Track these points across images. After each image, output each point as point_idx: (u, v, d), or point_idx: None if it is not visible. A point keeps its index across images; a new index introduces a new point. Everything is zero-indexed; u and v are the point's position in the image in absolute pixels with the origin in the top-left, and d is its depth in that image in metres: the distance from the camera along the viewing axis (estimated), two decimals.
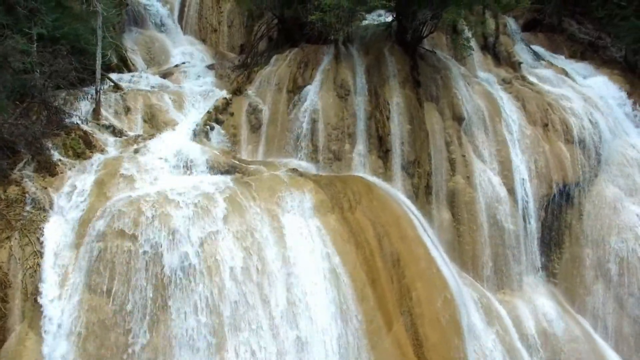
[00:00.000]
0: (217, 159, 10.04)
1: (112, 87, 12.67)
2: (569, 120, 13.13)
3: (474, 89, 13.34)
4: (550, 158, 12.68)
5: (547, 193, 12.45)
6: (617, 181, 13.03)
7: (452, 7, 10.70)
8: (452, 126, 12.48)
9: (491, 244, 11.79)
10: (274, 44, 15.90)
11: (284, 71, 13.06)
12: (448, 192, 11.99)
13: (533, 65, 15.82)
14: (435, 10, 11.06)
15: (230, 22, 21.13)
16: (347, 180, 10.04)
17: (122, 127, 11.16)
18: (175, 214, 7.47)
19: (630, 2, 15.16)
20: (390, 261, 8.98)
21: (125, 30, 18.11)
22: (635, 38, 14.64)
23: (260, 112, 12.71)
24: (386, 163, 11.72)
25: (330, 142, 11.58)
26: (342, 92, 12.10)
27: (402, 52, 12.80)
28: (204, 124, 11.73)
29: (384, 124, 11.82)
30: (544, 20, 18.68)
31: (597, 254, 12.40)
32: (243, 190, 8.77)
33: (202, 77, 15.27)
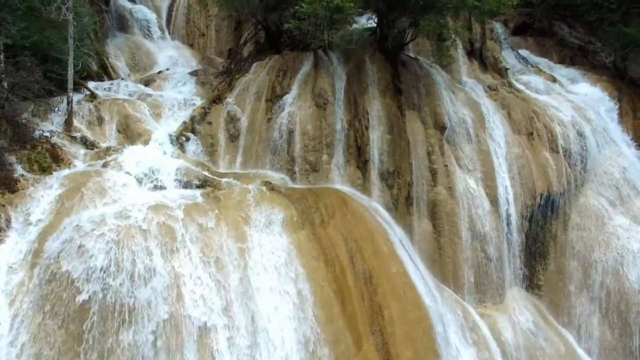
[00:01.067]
0: (188, 172, 9.84)
1: (88, 96, 12.48)
2: (555, 129, 12.85)
3: (458, 97, 13.07)
4: (534, 168, 12.42)
5: (531, 204, 12.19)
6: (603, 191, 12.76)
7: (430, 15, 10.44)
8: (434, 135, 12.22)
9: (473, 256, 11.54)
10: (259, 50, 15.69)
11: (263, 79, 12.83)
12: (429, 203, 11.74)
13: (521, 71, 15.54)
14: (414, 19, 10.80)
15: (218, 26, 20.88)
16: (321, 194, 9.82)
17: (95, 138, 10.96)
18: (135, 235, 7.26)
19: (618, 8, 14.85)
20: (362, 278, 8.76)
21: (109, 35, 17.91)
22: (623, 44, 14.35)
23: (238, 121, 12.50)
24: (365, 174, 11.48)
25: (307, 153, 11.34)
26: (321, 101, 11.86)
27: (383, 60, 12.55)
28: (180, 134, 11.52)
29: (363, 133, 11.58)
30: (533, 25, 18.39)
31: (582, 265, 12.13)
32: (211, 207, 8.57)
33: (184, 84, 15.03)
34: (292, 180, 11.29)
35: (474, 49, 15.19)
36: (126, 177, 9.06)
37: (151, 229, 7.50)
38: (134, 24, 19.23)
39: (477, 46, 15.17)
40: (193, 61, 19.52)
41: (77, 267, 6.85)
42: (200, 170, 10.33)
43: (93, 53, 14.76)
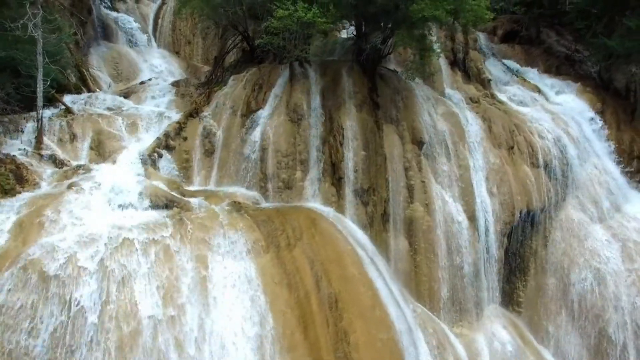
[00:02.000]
0: (156, 192, 9.68)
1: (63, 111, 12.38)
2: (535, 143, 12.65)
3: (437, 110, 12.88)
4: (514, 183, 12.22)
5: (510, 220, 11.99)
6: (585, 206, 12.55)
7: (402, 30, 10.26)
8: (411, 150, 12.03)
9: (449, 274, 11.38)
10: (243, 60, 15.54)
11: (239, 93, 12.68)
12: (406, 220, 11.57)
13: (504, 82, 15.32)
14: (388, 34, 10.62)
15: (205, 34, 20.75)
16: (289, 215, 9.66)
17: (66, 156, 10.86)
18: (88, 265, 7.15)
19: (601, 18, 14.59)
20: (327, 303, 8.60)
21: (93, 45, 17.82)
22: (606, 55, 14.09)
23: (214, 136, 12.35)
24: (339, 191, 11.31)
25: (280, 171, 11.19)
26: (295, 117, 11.70)
27: (360, 73, 12.36)
28: (152, 151, 11.37)
29: (338, 150, 11.41)
30: (520, 33, 18.15)
31: (562, 283, 11.96)
32: (174, 231, 8.44)
33: (164, 95, 14.87)
34: (265, 197, 11.16)
35: (457, 59, 14.98)
36: (90, 199, 8.92)
37: (106, 256, 7.39)
38: (118, 33, 19.14)
39: (460, 56, 14.95)
40: (178, 70, 19.44)
41: (26, 301, 6.74)
42: (169, 189, 10.18)
43: (72, 65, 14.71)
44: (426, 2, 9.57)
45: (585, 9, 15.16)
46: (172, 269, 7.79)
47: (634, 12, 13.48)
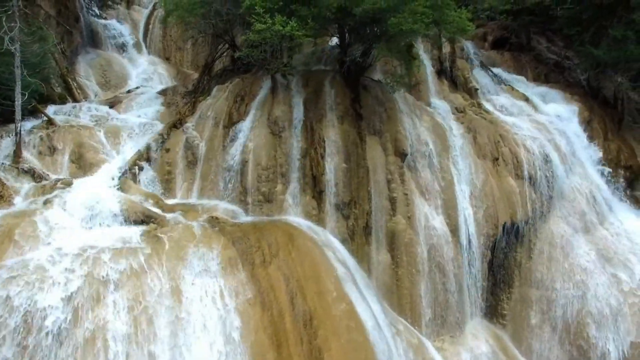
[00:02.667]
0: (133, 208, 9.65)
1: (45, 123, 12.35)
2: (520, 154, 12.54)
3: (422, 121, 12.79)
4: (498, 195, 12.13)
5: (493, 233, 11.90)
6: (569, 218, 12.44)
7: (381, 43, 10.17)
8: (394, 162, 11.94)
9: (431, 288, 11.30)
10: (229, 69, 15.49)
11: (221, 104, 12.62)
12: (388, 233, 11.49)
13: (492, 91, 15.19)
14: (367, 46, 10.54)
15: (195, 40, 20.72)
16: (266, 230, 9.60)
17: (45, 169, 10.84)
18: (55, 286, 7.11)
19: (587, 28, 14.47)
20: (302, 320, 8.54)
21: (81, 52, 17.81)
22: (592, 64, 13.96)
23: (196, 147, 12.29)
24: (320, 204, 11.25)
25: (260, 184, 11.13)
26: (276, 129, 11.63)
27: (343, 84, 12.28)
28: (133, 164, 11.33)
29: (319, 162, 11.34)
30: (510, 39, 18.02)
31: (545, 295, 11.86)
32: (147, 249, 8.40)
33: (150, 105, 14.85)
34: (245, 211, 11.09)
35: (444, 68, 14.88)
36: (65, 215, 8.90)
37: (75, 277, 7.35)
38: (107, 40, 19.13)
39: (447, 65, 14.85)
40: (167, 77, 19.43)
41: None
42: (147, 204, 10.13)
43: (56, 75, 14.69)
44: (405, 15, 9.48)
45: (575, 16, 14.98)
46: (143, 289, 7.73)
47: (620, 21, 13.37)
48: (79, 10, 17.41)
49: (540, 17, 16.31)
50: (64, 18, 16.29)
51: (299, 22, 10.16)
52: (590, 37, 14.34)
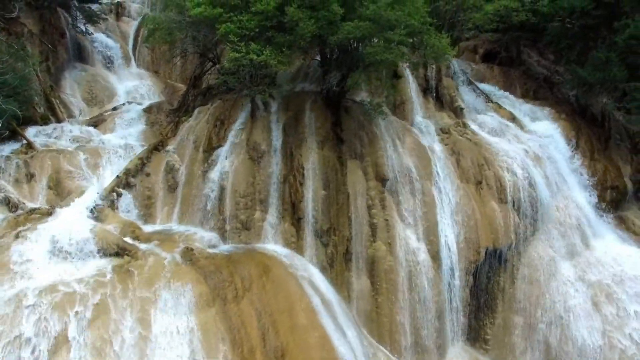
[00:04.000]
0: (107, 240, 9.55)
1: (24, 147, 12.28)
2: (504, 178, 12.39)
3: (404, 144, 12.64)
4: (480, 220, 11.99)
5: (475, 259, 11.77)
6: (554, 242, 12.31)
7: (357, 72, 10.05)
8: (375, 187, 11.84)
9: (411, 315, 11.20)
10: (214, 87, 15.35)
11: (202, 127, 12.53)
12: (368, 259, 11.39)
13: (479, 109, 15.02)
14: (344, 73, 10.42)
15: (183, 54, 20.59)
16: (240, 263, 9.52)
17: (22, 198, 10.77)
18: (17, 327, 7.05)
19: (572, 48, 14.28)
20: (274, 357, 8.48)
21: (67, 68, 17.63)
22: (579, 83, 13.76)
23: (177, 171, 12.22)
24: (299, 231, 11.16)
25: (239, 211, 11.04)
26: (255, 155, 11.53)
27: (324, 107, 12.16)
28: (111, 191, 11.25)
29: (297, 189, 11.25)
30: (499, 54, 17.83)
31: (528, 321, 11.75)
32: (117, 285, 8.34)
33: (133, 124, 14.73)
34: (224, 239, 11.01)
35: (430, 86, 14.69)
36: (35, 250, 8.83)
37: (41, 317, 7.29)
38: (94, 54, 18.96)
39: (433, 84, 14.66)
40: (155, 91, 19.28)
41: None
42: (123, 233, 10.06)
43: (39, 95, 14.58)
44: (380, 44, 9.34)
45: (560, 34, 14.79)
46: (109, 329, 7.67)
47: (605, 42, 13.19)
48: (64, 26, 17.27)
49: (528, 33, 16.08)
50: (48, 35, 16.16)
51: (274, 50, 10.05)
52: (576, 55, 14.15)
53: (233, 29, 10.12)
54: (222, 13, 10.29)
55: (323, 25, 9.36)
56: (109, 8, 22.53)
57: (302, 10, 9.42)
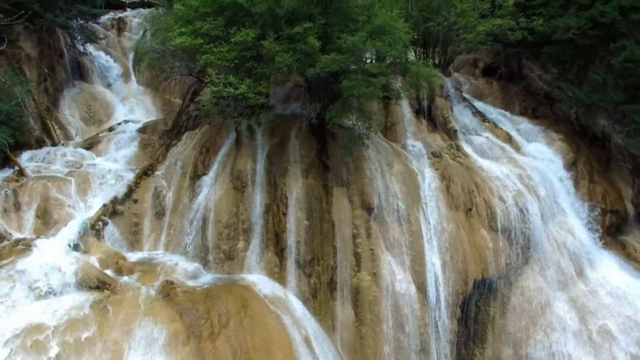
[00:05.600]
0: (88, 273, 9.62)
1: (16, 173, 12.48)
2: (495, 205, 12.06)
3: (392, 169, 12.42)
4: (469, 250, 11.70)
5: (463, 290, 11.48)
6: (547, 272, 11.93)
7: (337, 104, 9.89)
8: (360, 216, 11.66)
9: (395, 347, 11.00)
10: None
11: (189, 154, 12.56)
12: (352, 289, 11.23)
13: (474, 129, 14.64)
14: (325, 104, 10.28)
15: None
16: (219, 298, 9.47)
17: (8, 228, 10.93)
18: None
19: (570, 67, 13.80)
20: None
21: (66, 87, 17.88)
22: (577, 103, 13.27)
23: (164, 197, 12.29)
24: (282, 261, 11.08)
25: (221, 242, 11.02)
26: (239, 184, 11.49)
27: (309, 134, 12.02)
28: (97, 220, 11.36)
29: (280, 219, 11.16)
30: (498, 70, 17.39)
31: (518, 355, 11.43)
32: (93, 323, 8.41)
33: (126, 147, 14.82)
34: (207, 268, 11.01)
35: (422, 107, 14.42)
36: (15, 287, 8.95)
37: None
38: (93, 72, 19.20)
39: (425, 104, 14.38)
40: (153, 108, 19.43)
41: None
42: (105, 266, 10.13)
43: (35, 118, 14.84)
44: (357, 78, 9.17)
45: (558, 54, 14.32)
46: None
47: (602, 61, 12.70)
48: (63, 47, 17.53)
49: (528, 48, 15.57)
50: (47, 57, 16.43)
51: (254, 81, 9.98)
52: (574, 74, 13.69)
53: (213, 60, 10.08)
54: (202, 44, 10.25)
55: (300, 58, 9.24)
56: (110, 23, 22.88)
57: (278, 44, 9.31)
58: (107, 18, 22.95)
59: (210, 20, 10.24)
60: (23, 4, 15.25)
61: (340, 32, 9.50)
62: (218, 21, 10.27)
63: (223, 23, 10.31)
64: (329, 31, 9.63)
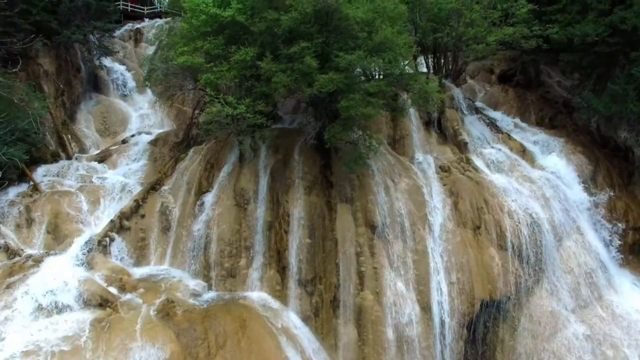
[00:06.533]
0: (91, 291, 9.84)
1: (30, 189, 12.87)
2: (504, 223, 11.62)
3: (398, 185, 12.16)
4: (476, 269, 11.31)
5: (469, 311, 11.13)
6: (561, 293, 11.42)
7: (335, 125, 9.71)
8: (364, 234, 11.46)
9: None
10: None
11: (194, 169, 12.64)
12: (355, 308, 11.06)
13: (487, 140, 14.13)
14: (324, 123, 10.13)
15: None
16: (217, 318, 9.48)
17: (21, 243, 11.28)
18: None
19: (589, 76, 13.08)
20: None
21: (84, 99, 18.38)
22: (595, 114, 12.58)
23: (170, 213, 12.39)
24: (284, 279, 11.02)
25: (224, 259, 11.04)
26: (242, 201, 11.48)
27: (313, 150, 11.87)
28: (104, 236, 11.55)
29: (282, 237, 11.09)
30: (514, 77, 16.74)
31: None
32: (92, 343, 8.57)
33: (138, 160, 15.06)
34: (209, 285, 11.06)
35: (432, 119, 14.06)
36: (22, 304, 9.23)
37: None
38: (110, 84, 19.67)
39: (435, 116, 14.01)
40: (166, 118, 19.73)
41: None
42: (110, 282, 10.32)
43: (51, 132, 15.30)
44: (356, 98, 8.97)
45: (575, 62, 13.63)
46: None
47: (623, 70, 11.99)
48: (80, 61, 18.02)
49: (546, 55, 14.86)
50: (64, 72, 16.92)
51: (254, 100, 9.93)
52: (593, 84, 13.01)
53: (213, 79, 10.10)
54: (203, 63, 10.29)
55: (298, 78, 9.12)
56: (128, 35, 23.41)
57: (275, 63, 9.22)
58: (125, 29, 23.54)
59: (211, 40, 10.27)
60: (42, 22, 15.77)
61: (339, 49, 9.33)
62: (218, 40, 10.29)
63: (223, 42, 10.32)
64: (327, 49, 9.47)
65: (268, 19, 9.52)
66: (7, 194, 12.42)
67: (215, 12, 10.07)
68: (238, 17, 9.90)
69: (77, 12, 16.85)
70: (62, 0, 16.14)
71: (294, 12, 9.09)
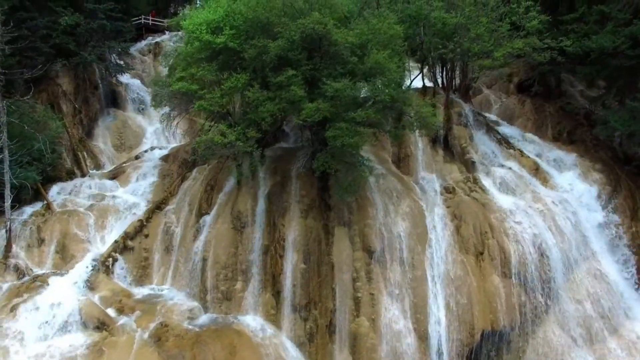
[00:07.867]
0: (91, 314, 10.17)
1: (44, 207, 13.42)
2: (509, 249, 11.04)
3: (399, 208, 11.79)
4: (477, 298, 10.80)
5: (469, 342, 10.65)
6: (570, 325, 10.72)
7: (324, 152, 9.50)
8: (361, 258, 11.20)
9: None
10: None
11: (196, 190, 12.80)
12: (350, 334, 10.84)
13: (497, 157, 13.45)
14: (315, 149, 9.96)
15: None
16: (207, 344, 9.57)
17: (31, 263, 11.79)
18: None
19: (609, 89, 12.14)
20: None
21: (101, 115, 18.97)
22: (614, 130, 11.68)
23: (173, 233, 12.60)
24: (278, 304, 10.95)
25: (219, 282, 11.10)
26: (239, 224, 11.50)
27: (311, 172, 11.67)
28: (107, 256, 11.88)
29: (277, 262, 11.03)
30: (532, 87, 15.86)
31: None
32: None
33: (148, 176, 15.39)
34: (205, 308, 11.14)
35: (438, 136, 13.56)
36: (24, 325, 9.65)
37: None
38: (127, 99, 20.23)
39: (442, 133, 13.49)
40: (179, 131, 20.08)
41: None
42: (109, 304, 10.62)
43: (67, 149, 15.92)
44: (343, 127, 8.74)
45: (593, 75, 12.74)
46: None
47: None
48: (98, 79, 18.66)
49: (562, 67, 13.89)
50: (82, 91, 17.60)
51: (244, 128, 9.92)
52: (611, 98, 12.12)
53: (206, 106, 10.16)
54: (197, 90, 10.38)
55: (284, 107, 9.01)
56: (147, 49, 24.03)
57: (264, 92, 9.15)
58: (144, 44, 24.16)
59: (205, 66, 10.34)
60: (61, 44, 16.45)
61: (328, 75, 9.14)
62: (212, 66, 10.34)
63: (217, 67, 10.36)
64: (317, 75, 9.29)
65: (258, 46, 9.46)
66: (23, 213, 13.01)
67: (208, 39, 10.11)
68: (230, 43, 9.90)
69: (94, 33, 17.47)
70: (80, 23, 16.78)
71: (281, 40, 8.98)
